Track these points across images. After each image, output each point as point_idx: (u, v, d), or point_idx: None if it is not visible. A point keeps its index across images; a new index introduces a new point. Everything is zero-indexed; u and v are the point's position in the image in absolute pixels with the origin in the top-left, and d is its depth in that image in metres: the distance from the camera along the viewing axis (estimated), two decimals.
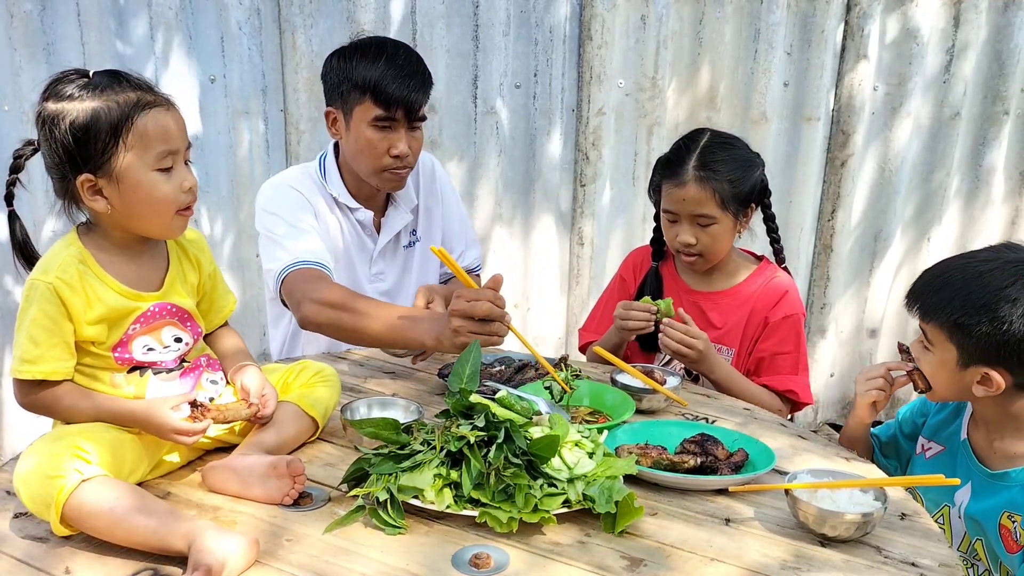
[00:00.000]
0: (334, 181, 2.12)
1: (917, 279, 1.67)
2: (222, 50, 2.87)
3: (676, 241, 2.02)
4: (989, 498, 1.60)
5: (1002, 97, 3.59)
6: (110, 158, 1.32)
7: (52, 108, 1.32)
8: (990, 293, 1.52)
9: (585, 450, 1.39)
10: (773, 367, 2.05)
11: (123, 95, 1.33)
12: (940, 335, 1.59)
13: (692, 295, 2.12)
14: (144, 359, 1.42)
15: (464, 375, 1.57)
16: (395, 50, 2.01)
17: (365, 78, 1.96)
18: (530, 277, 3.41)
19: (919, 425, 1.82)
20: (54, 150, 1.33)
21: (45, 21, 2.68)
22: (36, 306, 1.32)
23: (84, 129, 1.31)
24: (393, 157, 2.01)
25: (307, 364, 1.62)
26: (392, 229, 2.19)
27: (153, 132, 1.34)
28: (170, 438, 1.37)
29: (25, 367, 1.33)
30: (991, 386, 1.55)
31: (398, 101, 1.96)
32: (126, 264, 1.41)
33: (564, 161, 3.28)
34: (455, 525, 1.31)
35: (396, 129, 2.00)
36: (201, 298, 1.55)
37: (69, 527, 1.23)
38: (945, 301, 1.57)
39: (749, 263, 2.14)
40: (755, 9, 3.29)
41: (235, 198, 3.01)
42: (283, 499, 1.33)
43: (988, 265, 1.56)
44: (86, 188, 1.34)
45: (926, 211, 3.71)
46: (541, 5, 3.10)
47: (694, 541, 1.30)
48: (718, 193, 1.95)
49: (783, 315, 2.04)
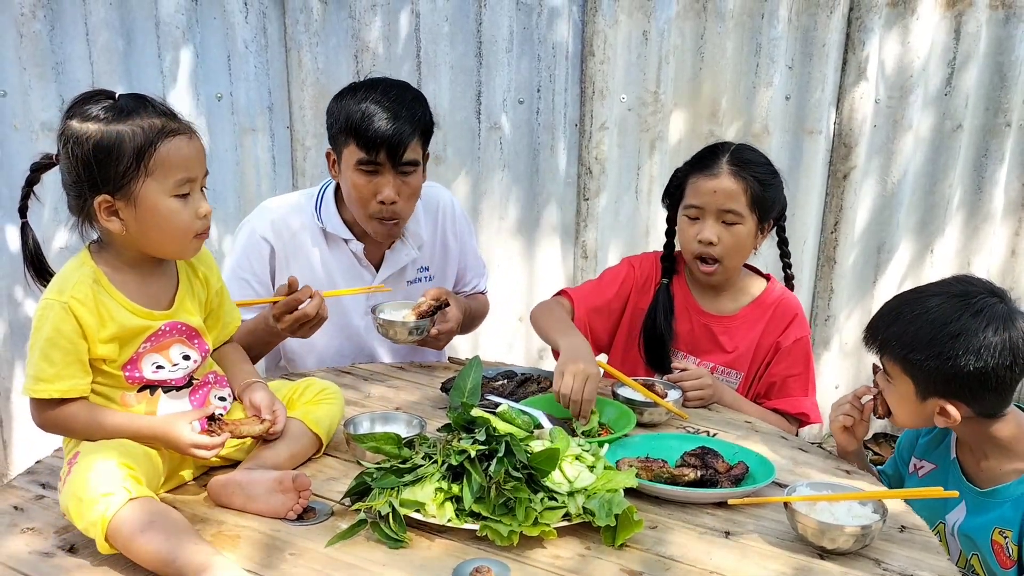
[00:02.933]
0: (329, 212, 2.10)
1: (875, 313, 1.69)
2: (229, 68, 2.91)
3: (695, 241, 1.96)
4: (981, 515, 1.60)
5: (1004, 109, 3.61)
6: (130, 181, 1.34)
7: (76, 127, 1.34)
8: (935, 328, 1.53)
9: (585, 463, 1.40)
10: (784, 390, 2.03)
11: (148, 121, 1.35)
12: (896, 368, 1.61)
13: (703, 317, 2.08)
14: (154, 377, 1.44)
15: (465, 389, 1.59)
16: (386, 91, 1.94)
17: (349, 119, 1.91)
18: (534, 290, 3.42)
19: (914, 448, 1.83)
20: (74, 168, 1.35)
21: (54, 41, 2.72)
22: (50, 325, 1.34)
23: (107, 151, 1.33)
24: (380, 203, 1.96)
25: (312, 382, 1.64)
26: (395, 264, 2.16)
27: (174, 159, 1.36)
28: (190, 453, 1.39)
29: (41, 386, 1.34)
30: (948, 417, 1.56)
31: (379, 144, 1.89)
32: (137, 283, 1.43)
33: (567, 175, 3.30)
34: (456, 539, 1.32)
35: (382, 173, 1.93)
36: (208, 315, 1.57)
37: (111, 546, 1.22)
38: (896, 336, 1.59)
39: (756, 281, 2.11)
40: (756, 24, 3.31)
41: (241, 214, 3.03)
42: (287, 513, 1.35)
43: (935, 300, 1.57)
44: (103, 209, 1.36)
45: (929, 223, 3.72)
46: (544, 22, 3.13)
47: (694, 554, 1.31)
48: (750, 189, 1.92)
49: (794, 339, 2.02)
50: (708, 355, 2.08)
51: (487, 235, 3.26)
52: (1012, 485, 1.57)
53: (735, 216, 1.94)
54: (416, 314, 1.93)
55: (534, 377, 1.90)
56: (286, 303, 1.81)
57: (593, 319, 2.13)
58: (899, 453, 1.87)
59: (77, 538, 1.28)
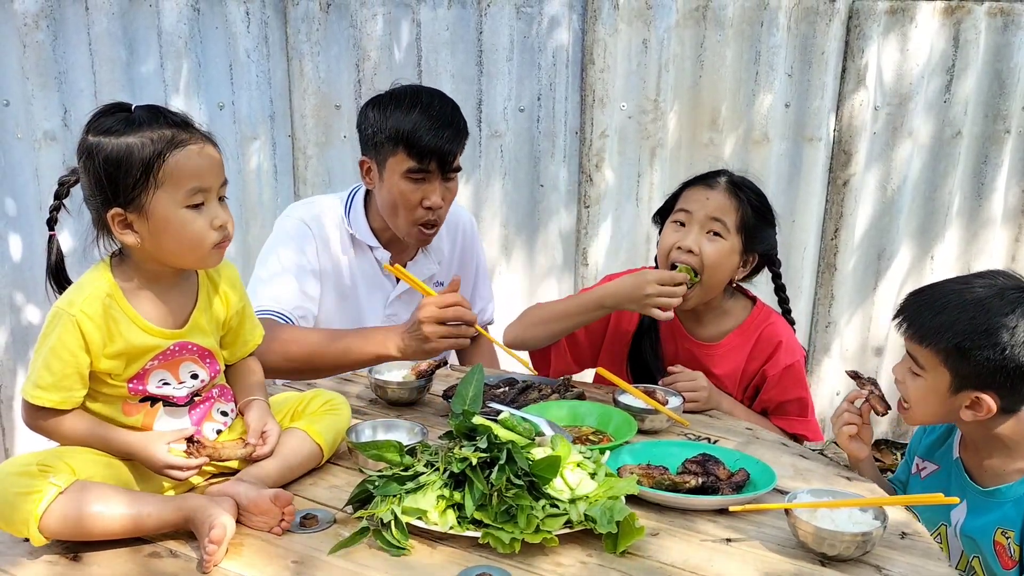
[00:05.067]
0: (358, 219, 2.12)
1: (907, 301, 1.67)
2: (231, 77, 2.92)
3: (675, 248, 1.93)
4: (983, 515, 1.61)
5: (1003, 116, 3.61)
6: (140, 194, 1.34)
7: (91, 141, 1.34)
8: (992, 319, 1.53)
9: (587, 471, 1.40)
10: (779, 412, 2.03)
11: (159, 132, 1.34)
12: (934, 359, 1.59)
13: (688, 343, 2.05)
14: (157, 392, 1.44)
15: (467, 397, 1.60)
16: (430, 100, 1.98)
17: (399, 129, 1.94)
18: (535, 298, 3.43)
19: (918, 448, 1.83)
20: (89, 182, 1.36)
21: (57, 51, 2.73)
22: (56, 334, 1.34)
23: (117, 164, 1.32)
24: (426, 208, 1.99)
25: (319, 393, 1.64)
26: (416, 276, 2.14)
27: (185, 170, 1.35)
28: (164, 473, 1.39)
29: (37, 392, 1.35)
30: (980, 410, 1.56)
31: (432, 153, 1.93)
32: (154, 299, 1.42)
33: (568, 183, 3.31)
34: (458, 546, 1.32)
35: (430, 181, 1.98)
36: (226, 332, 1.56)
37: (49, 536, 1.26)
38: (946, 325, 1.57)
39: (741, 304, 2.07)
40: (755, 32, 3.32)
41: (244, 222, 3.05)
42: (272, 530, 1.34)
43: (987, 291, 1.57)
44: (116, 222, 1.36)
45: (929, 229, 3.72)
46: (544, 30, 3.14)
47: (695, 561, 1.31)
48: (741, 209, 1.92)
49: (783, 367, 1.99)
50: None
51: (488, 242, 3.27)
52: (1015, 485, 1.58)
53: (721, 227, 1.91)
54: (415, 373, 1.89)
55: (535, 384, 1.91)
56: (449, 307, 1.79)
57: (572, 338, 2.11)
58: (908, 455, 1.87)
59: (80, 545, 1.29)
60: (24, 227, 2.84)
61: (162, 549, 1.30)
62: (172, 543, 1.31)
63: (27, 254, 2.86)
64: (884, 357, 3.85)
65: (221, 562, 1.25)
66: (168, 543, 1.31)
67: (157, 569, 1.25)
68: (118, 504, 1.28)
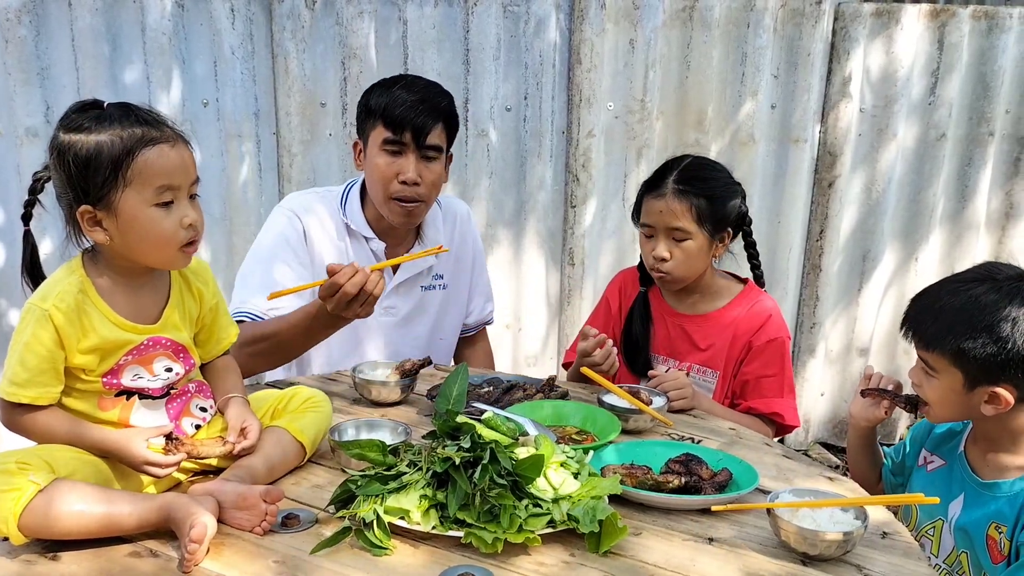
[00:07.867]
0: (353, 209, 2.14)
1: (910, 307, 1.70)
2: (215, 75, 2.91)
3: (651, 256, 2.05)
4: (979, 509, 1.63)
5: (987, 118, 3.64)
6: (109, 191, 1.33)
7: (63, 138, 1.34)
8: (988, 314, 1.55)
9: (570, 470, 1.40)
10: (758, 390, 2.06)
11: (129, 129, 1.33)
12: (943, 361, 1.62)
13: (677, 318, 2.15)
14: (132, 385, 1.43)
15: (451, 396, 1.59)
16: (415, 80, 2.06)
17: (378, 103, 2.01)
18: (522, 298, 3.43)
19: (926, 440, 1.86)
20: (61, 179, 1.35)
21: (40, 46, 2.71)
22: (30, 330, 1.34)
23: (86, 162, 1.32)
24: (401, 183, 2.01)
25: (299, 390, 1.63)
26: (412, 268, 2.19)
27: (154, 168, 1.34)
28: (142, 470, 1.38)
29: (13, 389, 1.34)
30: (1000, 403, 1.58)
31: (406, 123, 1.97)
32: (126, 294, 1.42)
33: (555, 183, 3.31)
34: (441, 546, 1.32)
35: (405, 154, 2.01)
36: (200, 329, 1.56)
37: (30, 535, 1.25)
38: (945, 329, 1.60)
39: (733, 286, 2.16)
40: (741, 33, 3.33)
41: (228, 220, 3.04)
42: (254, 529, 1.33)
43: (981, 287, 1.59)
44: (86, 219, 1.35)
45: (913, 231, 3.75)
46: (531, 30, 3.14)
47: (677, 560, 1.31)
48: (695, 207, 1.98)
49: (767, 339, 2.05)
50: (685, 356, 2.13)
51: None
52: (1014, 481, 1.60)
53: (683, 233, 2.00)
54: (399, 372, 1.88)
55: (520, 384, 1.91)
56: (329, 285, 1.77)
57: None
58: (911, 442, 1.89)
59: (59, 544, 1.28)
60: (6, 223, 2.81)
61: (142, 548, 1.29)
62: (152, 542, 1.30)
63: (9, 253, 2.84)
64: (869, 358, 3.88)
65: (202, 562, 1.24)
66: (148, 542, 1.30)
67: (137, 568, 1.25)
68: (98, 502, 1.27)
